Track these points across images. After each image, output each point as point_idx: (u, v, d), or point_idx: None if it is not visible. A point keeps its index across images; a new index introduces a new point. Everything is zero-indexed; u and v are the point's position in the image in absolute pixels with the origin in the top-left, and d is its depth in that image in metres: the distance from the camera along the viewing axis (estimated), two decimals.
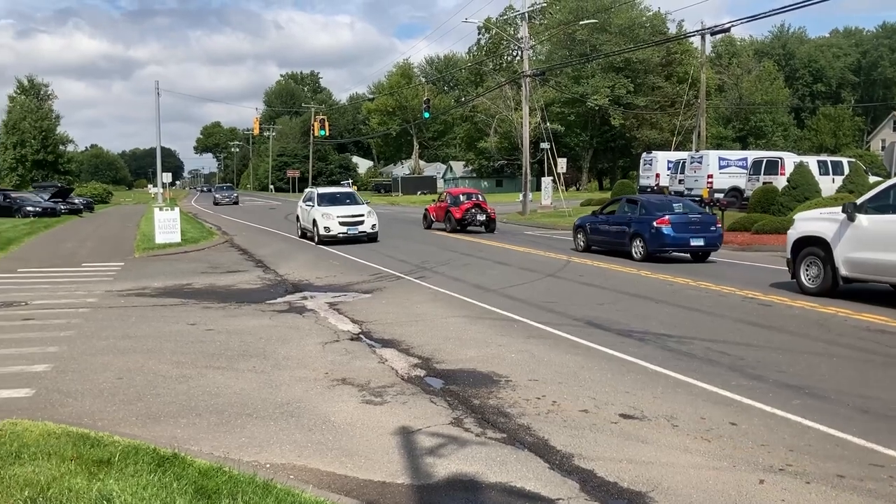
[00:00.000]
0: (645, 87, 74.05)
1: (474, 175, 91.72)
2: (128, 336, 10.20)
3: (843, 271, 12.72)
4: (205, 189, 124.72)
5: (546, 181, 44.40)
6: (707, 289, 14.03)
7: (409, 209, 50.50)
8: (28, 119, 71.66)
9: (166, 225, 24.52)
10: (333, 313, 12.04)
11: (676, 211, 19.28)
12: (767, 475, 5.26)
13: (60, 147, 76.03)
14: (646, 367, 8.35)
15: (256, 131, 71.26)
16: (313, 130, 77.19)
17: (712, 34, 37.71)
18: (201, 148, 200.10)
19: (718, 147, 62.65)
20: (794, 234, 13.90)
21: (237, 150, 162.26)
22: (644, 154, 42.46)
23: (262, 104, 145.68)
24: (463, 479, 5.28)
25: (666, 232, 18.39)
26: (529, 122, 42.51)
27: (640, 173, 41.07)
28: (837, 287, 12.93)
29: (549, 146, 42.06)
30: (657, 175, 39.11)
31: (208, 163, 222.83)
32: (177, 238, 24.51)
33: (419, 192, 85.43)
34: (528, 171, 42.32)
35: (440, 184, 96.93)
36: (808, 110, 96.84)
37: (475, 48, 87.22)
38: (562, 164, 43.45)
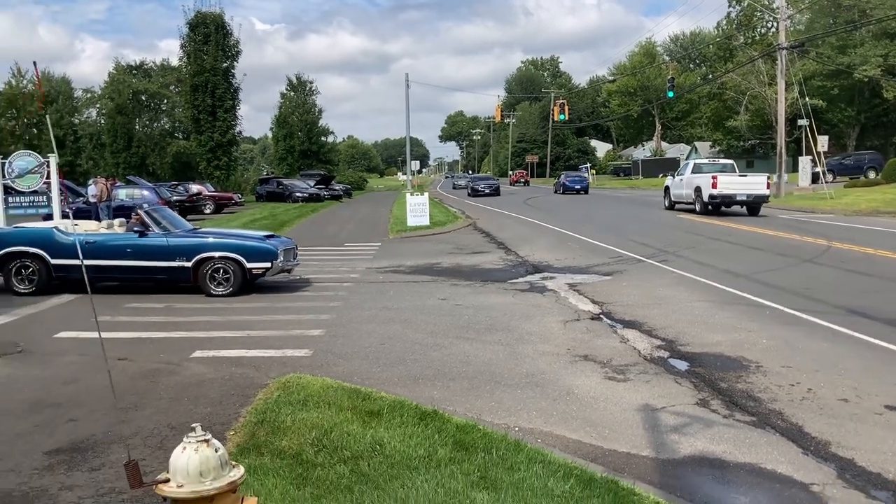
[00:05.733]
0: None
1: (721, 156, 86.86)
2: (387, 308, 11.15)
3: (671, 199, 31.79)
4: (448, 176, 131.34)
5: (804, 161, 41.05)
6: None
7: (652, 192, 49.06)
8: (295, 113, 79.31)
9: (417, 209, 26.14)
10: (573, 294, 12.23)
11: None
12: None
13: (322, 138, 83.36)
14: None
15: (498, 118, 72.93)
16: (552, 115, 77.49)
17: None
18: (445, 136, 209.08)
19: None
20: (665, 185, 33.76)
21: (478, 137, 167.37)
22: None
23: (503, 92, 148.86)
24: (709, 457, 5.26)
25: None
26: (785, 98, 39.51)
27: None
28: (674, 207, 31.50)
29: (807, 123, 38.80)
30: None
31: (451, 151, 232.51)
32: (426, 221, 26.04)
33: (661, 175, 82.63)
34: (784, 150, 39.38)
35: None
36: None
37: (724, 22, 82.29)
38: (822, 142, 39.88)
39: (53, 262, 12.28)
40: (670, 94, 47.97)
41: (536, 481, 4.38)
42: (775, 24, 45.90)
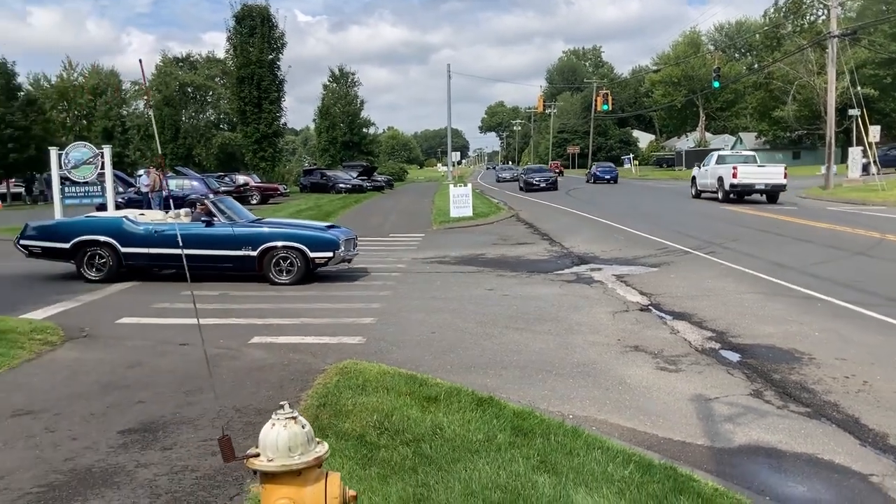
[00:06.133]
0: None
1: (767, 147, 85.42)
2: (435, 297, 11.30)
3: (697, 189, 34.07)
4: (490, 167, 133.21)
5: (854, 151, 40.16)
6: None
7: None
8: (338, 105, 79.95)
9: (460, 200, 26.27)
10: (621, 285, 12.24)
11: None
12: None
13: (364, 130, 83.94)
14: None
15: (540, 108, 72.77)
16: (595, 105, 76.96)
17: None
18: (485, 127, 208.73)
19: None
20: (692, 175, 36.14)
21: (519, 128, 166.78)
22: None
23: (544, 82, 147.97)
24: (764, 446, 5.30)
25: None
26: (836, 88, 38.67)
27: None
28: (700, 196, 33.57)
29: (858, 113, 37.93)
30: None
31: (491, 142, 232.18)
32: (469, 212, 26.15)
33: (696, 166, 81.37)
34: (833, 141, 38.57)
35: None
36: None
37: (772, 10, 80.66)
38: (874, 132, 38.96)
39: (123, 250, 12.70)
40: (716, 84, 47.30)
41: (596, 466, 4.49)
42: (825, 11, 44.88)
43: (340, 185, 46.80)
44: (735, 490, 4.41)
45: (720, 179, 30.81)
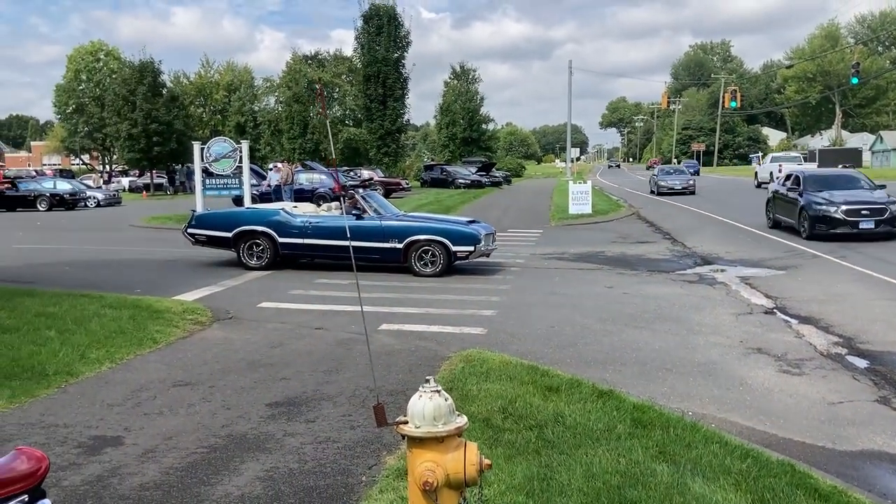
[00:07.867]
0: None
1: None
2: (554, 293, 11.53)
3: (758, 181, 44.04)
4: (612, 164, 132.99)
5: None
6: None
7: None
8: (458, 101, 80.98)
9: (579, 197, 26.26)
10: (745, 287, 12.05)
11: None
12: None
13: (483, 126, 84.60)
14: None
15: (665, 104, 71.14)
16: (722, 102, 74.34)
17: None
18: (606, 123, 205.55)
19: None
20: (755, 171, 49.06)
21: (641, 124, 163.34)
22: None
23: (669, 77, 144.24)
24: (889, 451, 5.29)
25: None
26: None
27: None
28: (760, 186, 40.09)
29: None
30: None
31: (612, 138, 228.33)
32: (588, 209, 26.10)
33: (840, 167, 77.05)
34: None
35: (866, 157, 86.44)
36: None
37: None
38: None
39: (280, 240, 13.65)
40: (854, 80, 44.76)
41: (714, 459, 4.64)
42: None
43: (459, 181, 47.56)
44: (855, 490, 4.46)
45: (771, 174, 39.79)
